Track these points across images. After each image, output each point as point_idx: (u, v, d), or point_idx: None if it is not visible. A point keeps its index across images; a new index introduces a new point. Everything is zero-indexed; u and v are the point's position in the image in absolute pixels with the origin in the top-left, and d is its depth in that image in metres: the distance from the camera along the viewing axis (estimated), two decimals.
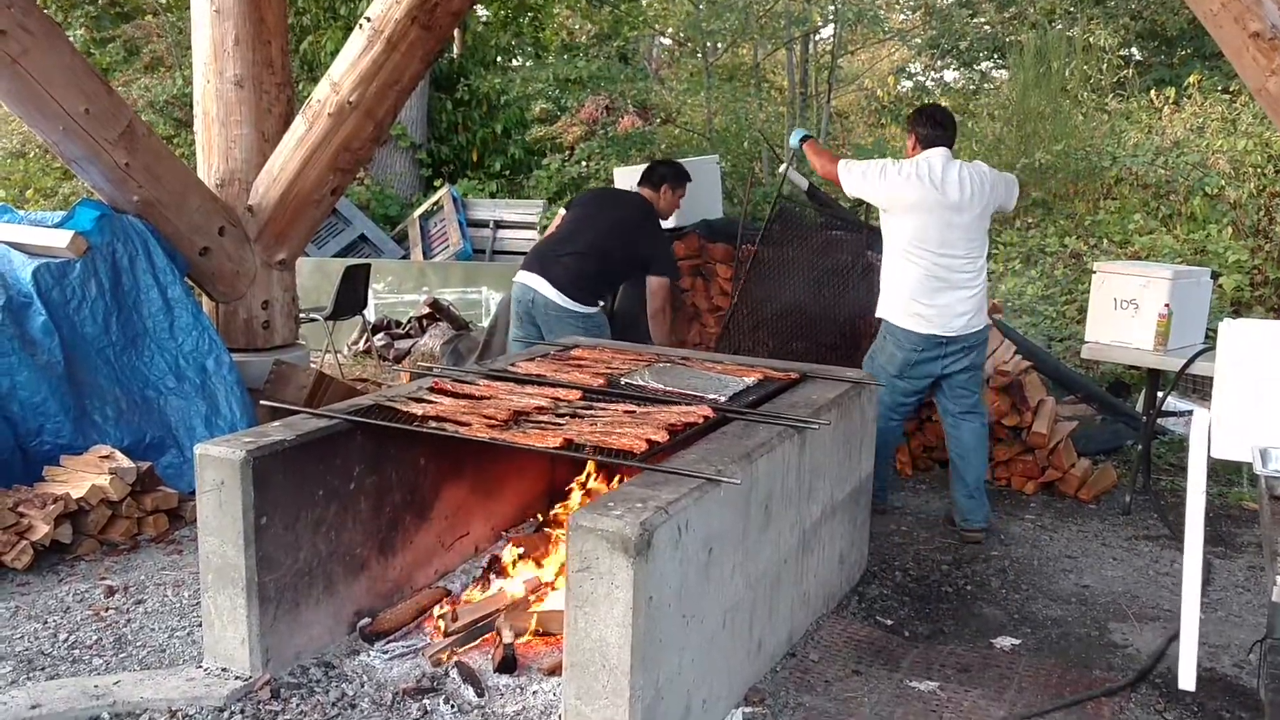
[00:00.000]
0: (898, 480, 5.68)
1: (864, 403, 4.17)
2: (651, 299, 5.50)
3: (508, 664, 3.30)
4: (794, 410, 3.64)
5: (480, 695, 3.18)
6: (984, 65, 16.11)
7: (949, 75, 16.91)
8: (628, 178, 6.63)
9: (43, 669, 3.49)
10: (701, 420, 3.44)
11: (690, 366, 4.24)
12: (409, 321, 9.47)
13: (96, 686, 3.17)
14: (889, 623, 3.98)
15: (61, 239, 5.13)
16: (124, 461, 4.68)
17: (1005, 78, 14.89)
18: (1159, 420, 5.78)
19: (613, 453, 3.10)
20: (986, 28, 15.04)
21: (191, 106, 6.24)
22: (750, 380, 4.01)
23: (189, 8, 6.15)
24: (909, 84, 17.69)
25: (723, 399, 3.73)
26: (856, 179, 4.76)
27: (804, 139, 5.23)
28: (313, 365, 6.57)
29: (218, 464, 3.12)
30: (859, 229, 6.07)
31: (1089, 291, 5.55)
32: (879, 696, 3.38)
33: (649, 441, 3.15)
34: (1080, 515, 5.25)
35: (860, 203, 7.49)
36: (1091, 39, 12.93)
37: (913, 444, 5.85)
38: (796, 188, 6.00)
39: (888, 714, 3.27)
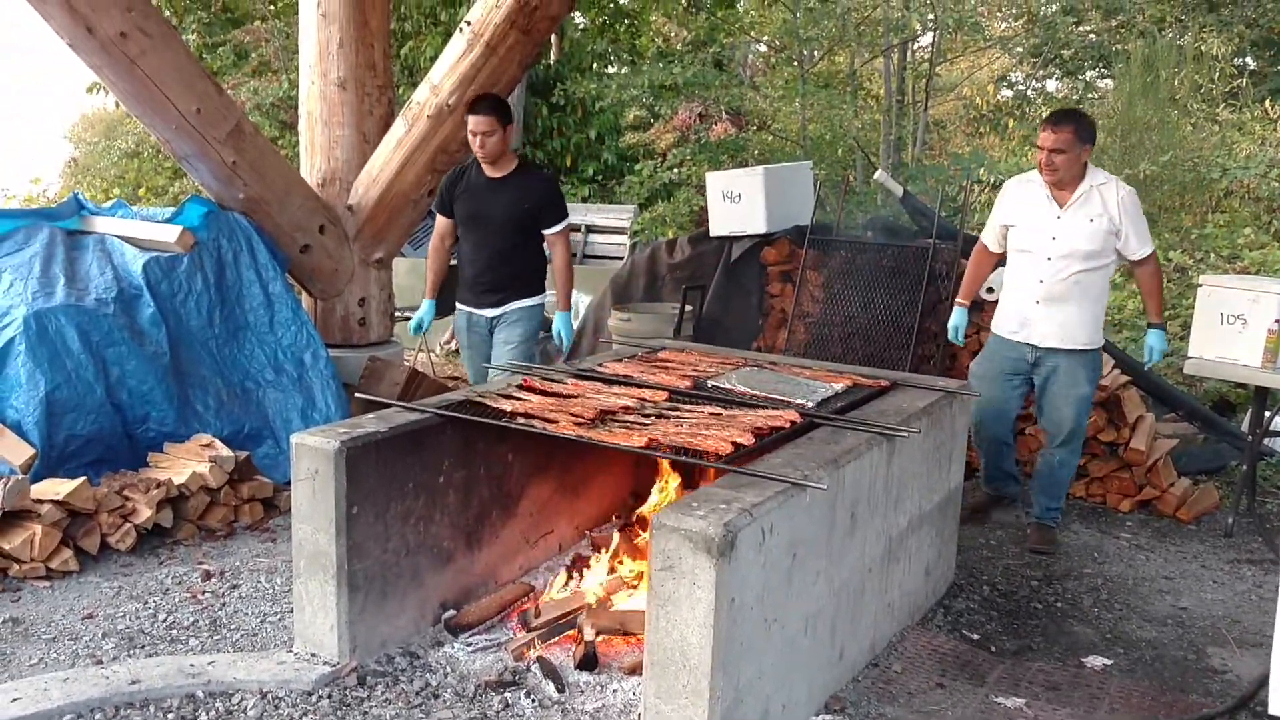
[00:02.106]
0: None
1: (954, 412, 4.10)
2: None
3: (589, 661, 3.32)
4: (883, 418, 3.60)
5: (561, 691, 3.21)
6: (1088, 74, 15.71)
7: (1051, 84, 16.55)
8: (719, 183, 6.64)
9: (142, 647, 3.61)
10: (788, 425, 3.42)
11: (778, 371, 4.22)
12: None
13: (192, 665, 3.28)
14: (975, 637, 3.91)
15: (170, 234, 5.31)
16: (223, 450, 4.83)
17: (1109, 87, 14.50)
18: (1266, 440, 5.57)
19: (698, 454, 3.10)
20: (1092, 36, 14.67)
21: (296, 109, 6.42)
22: (839, 386, 3.98)
23: (298, 13, 6.33)
24: (1009, 93, 17.34)
25: (810, 404, 3.70)
26: None
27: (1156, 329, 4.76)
28: (405, 362, 6.69)
29: (313, 453, 3.20)
30: (953, 236, 5.98)
31: (1193, 307, 5.37)
32: (963, 710, 3.31)
33: (734, 444, 3.14)
34: (1179, 536, 5.09)
35: (958, 211, 7.37)
36: (1203, 47, 12.53)
37: None
38: (892, 195, 5.94)
39: None
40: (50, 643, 3.63)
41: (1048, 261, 4.54)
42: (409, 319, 7.89)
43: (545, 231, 5.02)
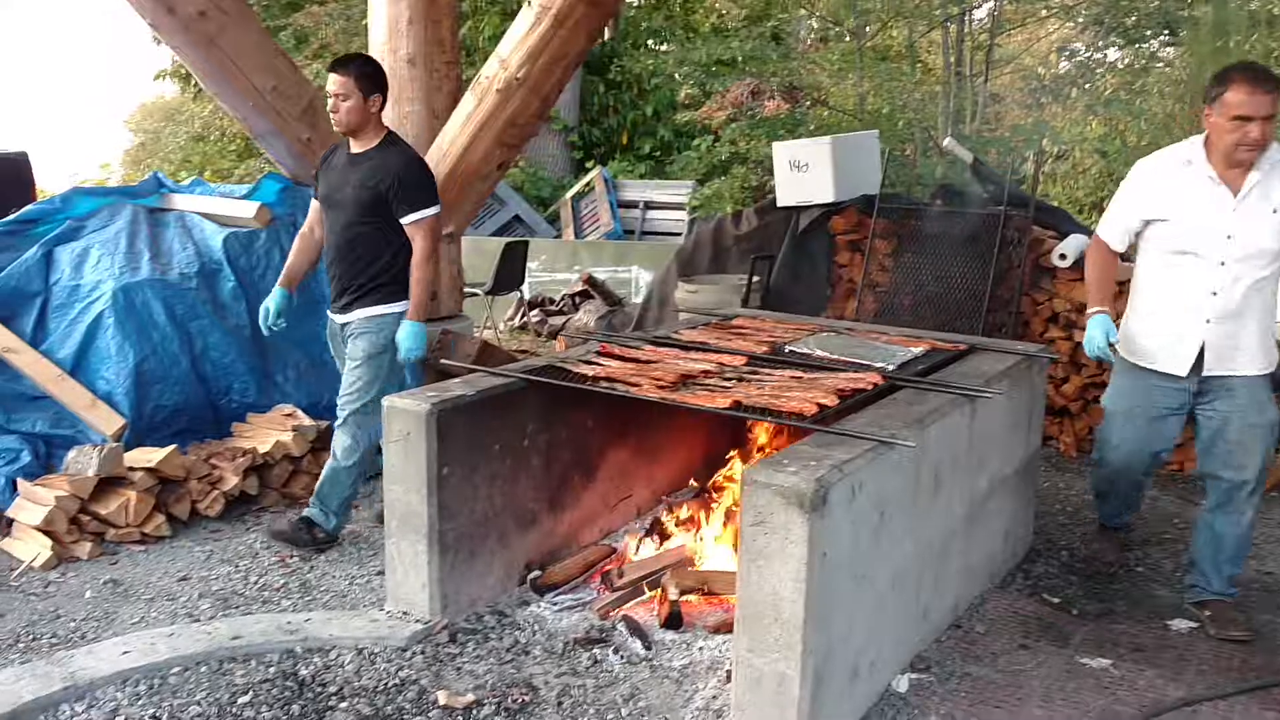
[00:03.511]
0: (1062, 461, 5.54)
1: (1034, 376, 4.08)
2: None
3: (674, 620, 3.36)
4: (964, 380, 3.59)
5: (648, 648, 3.26)
6: (1152, 43, 15.41)
7: (1113, 53, 16.26)
8: (786, 153, 6.62)
9: (236, 607, 3.72)
10: (870, 387, 3.43)
11: (855, 336, 4.23)
12: (563, 298, 9.66)
13: (289, 623, 3.38)
14: (1056, 600, 3.89)
15: (248, 210, 5.42)
16: (305, 420, 4.93)
17: (1173, 55, 14.20)
18: None
19: (783, 415, 3.12)
20: (1155, 2, 14.38)
21: None
22: (917, 350, 3.97)
23: None
24: (1069, 64, 17.06)
25: (890, 367, 3.70)
26: None
27: None
28: (476, 335, 6.76)
29: (404, 415, 3.27)
30: (1024, 204, 5.91)
31: None
32: (1049, 670, 3.31)
33: (819, 405, 3.16)
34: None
35: (1023, 180, 7.28)
36: (1276, 10, 12.22)
37: (1078, 425, 5.68)
38: (961, 161, 5.88)
39: (1059, 689, 3.21)
40: (149, 602, 3.75)
41: (1221, 268, 3.52)
42: (474, 294, 8.03)
43: (400, 220, 4.10)
